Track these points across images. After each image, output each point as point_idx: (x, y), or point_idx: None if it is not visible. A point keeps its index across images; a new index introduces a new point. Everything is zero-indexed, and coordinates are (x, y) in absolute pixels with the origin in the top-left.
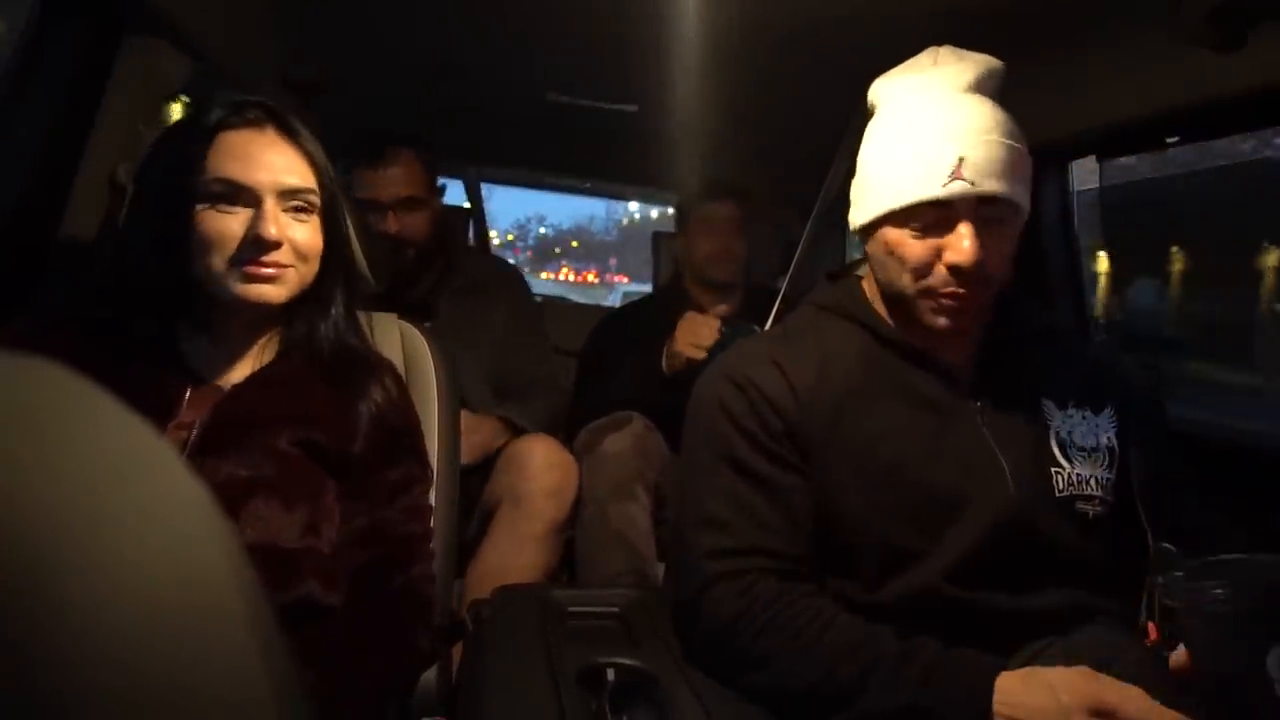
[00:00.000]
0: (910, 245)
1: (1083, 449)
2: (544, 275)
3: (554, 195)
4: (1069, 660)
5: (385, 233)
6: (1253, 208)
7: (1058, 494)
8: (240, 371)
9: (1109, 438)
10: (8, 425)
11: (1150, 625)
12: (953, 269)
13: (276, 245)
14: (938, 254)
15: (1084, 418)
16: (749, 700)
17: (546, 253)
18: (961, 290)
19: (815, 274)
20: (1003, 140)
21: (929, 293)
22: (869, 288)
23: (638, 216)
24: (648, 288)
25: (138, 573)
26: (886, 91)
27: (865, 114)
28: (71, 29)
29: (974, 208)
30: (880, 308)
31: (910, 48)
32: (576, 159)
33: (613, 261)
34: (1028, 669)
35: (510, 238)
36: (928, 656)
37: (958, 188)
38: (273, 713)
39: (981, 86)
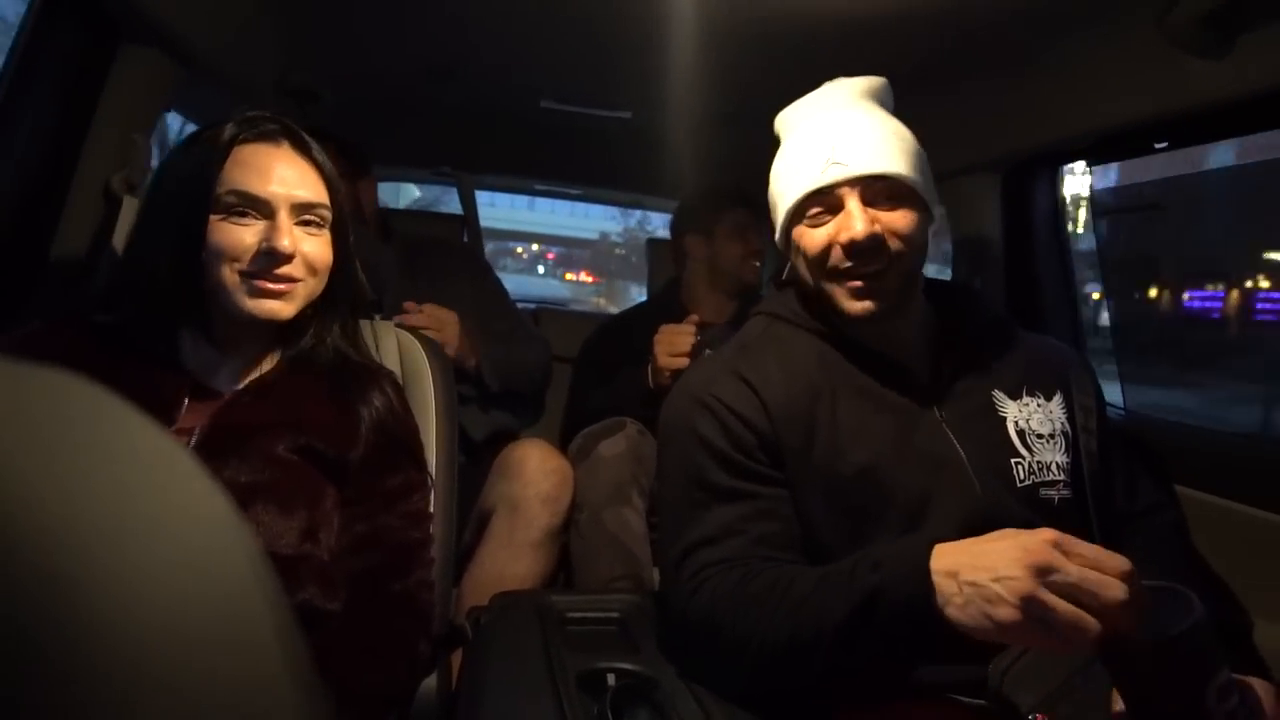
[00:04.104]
0: (809, 235)
1: (1040, 435)
2: (568, 276)
3: (573, 217)
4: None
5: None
6: None
7: (1019, 484)
8: (241, 379)
9: (1063, 423)
10: (30, 435)
11: None
12: (848, 246)
13: (289, 258)
14: (834, 238)
15: (1039, 405)
16: (754, 693)
17: (568, 259)
18: (865, 269)
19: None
20: (876, 129)
21: (834, 277)
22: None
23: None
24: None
25: (163, 582)
26: (782, 121)
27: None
28: (66, 37)
29: (858, 188)
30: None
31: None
32: (570, 166)
33: (594, 268)
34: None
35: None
36: (870, 555)
37: (834, 172)
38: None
39: (863, 98)
